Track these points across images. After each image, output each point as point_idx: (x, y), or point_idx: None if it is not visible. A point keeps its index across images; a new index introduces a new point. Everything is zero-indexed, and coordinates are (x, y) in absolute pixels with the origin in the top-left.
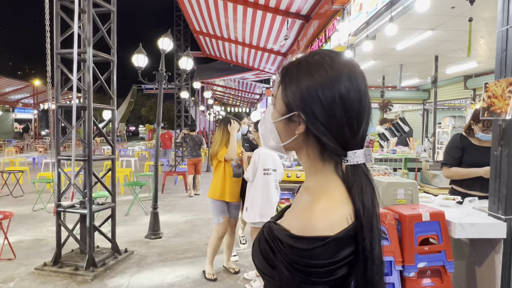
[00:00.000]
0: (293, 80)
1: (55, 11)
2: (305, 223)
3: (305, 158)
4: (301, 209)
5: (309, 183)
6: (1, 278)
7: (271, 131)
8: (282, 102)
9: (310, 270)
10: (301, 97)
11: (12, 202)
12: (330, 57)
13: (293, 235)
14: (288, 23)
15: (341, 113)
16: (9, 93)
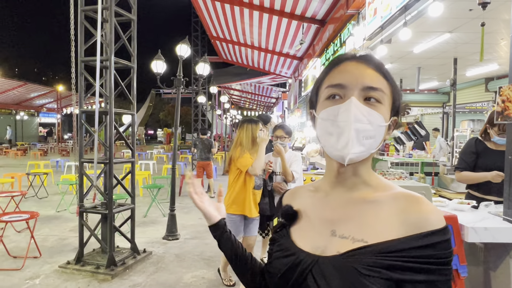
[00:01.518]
0: (393, 81)
1: (80, 21)
2: (438, 212)
3: (369, 163)
4: (415, 201)
5: (371, 181)
6: (27, 275)
7: (376, 134)
8: (391, 100)
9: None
10: (399, 93)
11: (37, 203)
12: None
13: (440, 229)
14: (304, 28)
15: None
16: (34, 98)
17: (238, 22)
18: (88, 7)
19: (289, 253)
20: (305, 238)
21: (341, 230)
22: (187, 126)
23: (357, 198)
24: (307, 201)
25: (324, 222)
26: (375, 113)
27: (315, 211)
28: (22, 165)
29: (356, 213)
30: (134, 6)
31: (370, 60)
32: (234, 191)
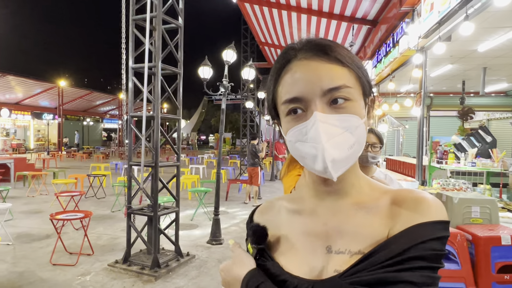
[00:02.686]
0: (360, 63)
1: (130, 30)
2: (440, 204)
3: (356, 164)
4: (413, 198)
5: (362, 185)
6: (80, 271)
7: (358, 136)
8: (360, 91)
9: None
10: (367, 76)
11: (95, 203)
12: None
13: (443, 221)
14: (354, 29)
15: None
16: (99, 106)
17: (286, 26)
18: (138, 16)
19: (279, 279)
20: (295, 260)
21: (337, 244)
22: (237, 131)
23: (349, 205)
24: (286, 217)
25: (316, 238)
26: (348, 116)
27: (302, 227)
28: (86, 167)
29: (350, 222)
30: (181, 14)
31: (320, 50)
32: None
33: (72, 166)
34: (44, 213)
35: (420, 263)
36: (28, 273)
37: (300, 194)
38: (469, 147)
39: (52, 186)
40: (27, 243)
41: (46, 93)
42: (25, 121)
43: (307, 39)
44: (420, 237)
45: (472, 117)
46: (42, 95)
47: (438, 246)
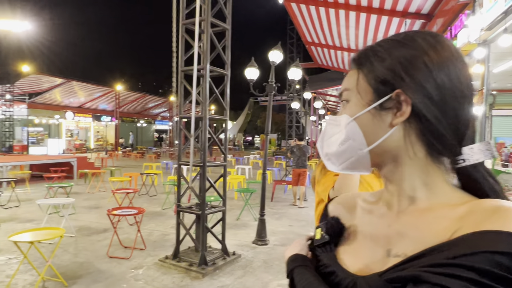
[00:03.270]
0: (384, 54)
1: (180, 34)
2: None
3: (405, 163)
4: (491, 205)
5: (432, 189)
6: (133, 265)
7: (349, 134)
8: (367, 87)
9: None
10: (404, 68)
11: (148, 200)
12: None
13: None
14: (407, 25)
15: (455, 92)
16: (151, 108)
17: (333, 25)
18: (187, 21)
19: (327, 270)
20: (352, 256)
21: (396, 248)
22: (283, 132)
23: (416, 209)
24: (358, 213)
25: (378, 239)
26: (338, 117)
27: (369, 226)
28: (140, 166)
29: (414, 226)
30: (228, 17)
31: (352, 59)
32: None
33: (127, 165)
34: (102, 209)
35: (471, 275)
36: (88, 264)
37: (378, 193)
38: None
39: (109, 183)
40: (87, 236)
41: (104, 96)
42: (86, 123)
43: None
44: (483, 246)
45: None
46: (101, 98)
47: (507, 263)
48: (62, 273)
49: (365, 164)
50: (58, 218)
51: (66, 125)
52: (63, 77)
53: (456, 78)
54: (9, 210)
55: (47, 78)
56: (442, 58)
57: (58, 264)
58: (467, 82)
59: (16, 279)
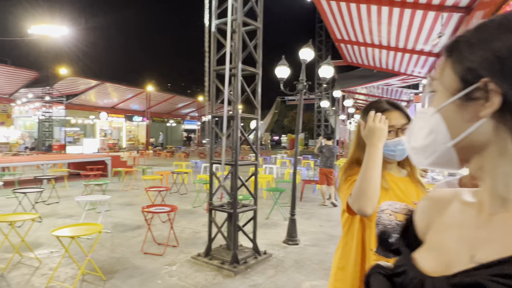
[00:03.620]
0: (478, 43)
1: (212, 34)
2: None
3: (497, 160)
4: None
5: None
6: (167, 261)
7: (433, 126)
8: (453, 76)
9: None
10: (497, 57)
11: (178, 199)
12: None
13: None
14: (443, 18)
15: None
16: (180, 108)
17: (364, 21)
18: (219, 21)
19: (399, 270)
20: (436, 258)
21: (481, 254)
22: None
23: (508, 213)
24: (453, 209)
25: (464, 242)
26: (424, 109)
27: (458, 227)
28: (170, 165)
29: (503, 232)
30: (260, 15)
31: (443, 47)
32: (341, 257)
33: (158, 164)
34: (136, 206)
35: None
36: (123, 260)
37: (479, 192)
38: None
39: (141, 181)
40: (122, 232)
41: (136, 97)
42: (119, 123)
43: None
44: None
45: None
46: (132, 99)
47: None
48: (100, 268)
49: (452, 160)
50: (95, 214)
51: (100, 125)
52: (98, 79)
53: None
54: (49, 206)
55: (82, 80)
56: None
57: (96, 259)
58: None
59: (58, 272)
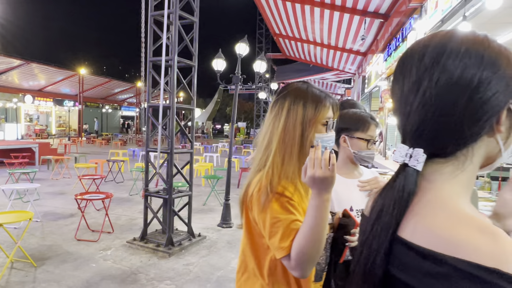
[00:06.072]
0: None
1: (149, 25)
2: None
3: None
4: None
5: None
6: (101, 247)
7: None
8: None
9: None
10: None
11: (114, 187)
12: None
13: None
14: (366, 23)
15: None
16: (117, 94)
17: (299, 19)
18: (156, 12)
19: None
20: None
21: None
22: (252, 121)
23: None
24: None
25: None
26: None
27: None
28: (105, 153)
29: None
30: (196, 10)
31: None
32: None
33: (92, 151)
34: (68, 195)
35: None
36: (56, 247)
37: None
38: None
39: (74, 170)
40: (53, 220)
41: (67, 80)
42: (47, 107)
43: None
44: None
45: None
46: (63, 82)
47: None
48: (31, 255)
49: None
50: (22, 204)
51: (25, 109)
52: (21, 58)
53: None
54: None
55: (3, 59)
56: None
57: (25, 247)
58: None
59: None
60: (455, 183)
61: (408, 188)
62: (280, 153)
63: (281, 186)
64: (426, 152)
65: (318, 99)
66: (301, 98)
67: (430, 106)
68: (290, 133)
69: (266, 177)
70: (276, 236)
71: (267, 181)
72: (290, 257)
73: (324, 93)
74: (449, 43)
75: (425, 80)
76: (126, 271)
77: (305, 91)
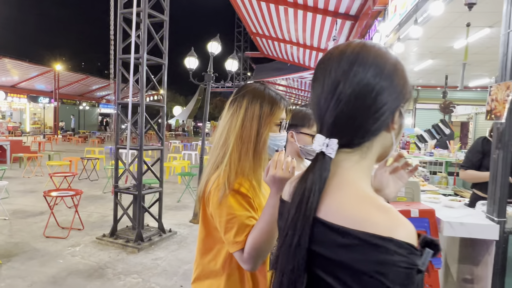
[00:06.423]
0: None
1: (118, 22)
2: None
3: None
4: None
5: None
6: (70, 243)
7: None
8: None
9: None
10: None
11: (88, 185)
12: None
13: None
14: (338, 24)
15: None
16: (95, 90)
17: (275, 18)
18: (125, 10)
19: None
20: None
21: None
22: None
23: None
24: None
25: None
26: None
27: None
28: (81, 151)
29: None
30: (166, 8)
31: None
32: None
33: (68, 149)
34: (39, 193)
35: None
36: (23, 244)
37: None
38: (430, 139)
39: (47, 167)
40: (22, 218)
41: (42, 76)
42: (21, 104)
43: None
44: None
45: (453, 110)
46: (38, 78)
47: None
48: None
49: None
50: None
51: None
52: None
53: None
54: None
55: None
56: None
57: None
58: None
59: None
60: (358, 168)
61: (324, 173)
62: (237, 149)
63: (237, 183)
64: (339, 143)
65: (274, 100)
66: (258, 98)
67: (344, 104)
68: (247, 131)
69: (224, 174)
70: (232, 231)
71: (225, 177)
72: (243, 251)
73: (280, 95)
74: (360, 53)
75: (341, 83)
76: (94, 266)
77: (262, 92)
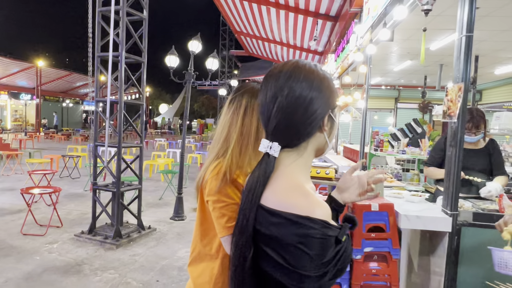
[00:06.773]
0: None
1: (97, 20)
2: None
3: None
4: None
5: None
6: (48, 240)
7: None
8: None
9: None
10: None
11: (69, 182)
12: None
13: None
14: (319, 24)
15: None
16: (79, 87)
17: (258, 18)
18: (104, 8)
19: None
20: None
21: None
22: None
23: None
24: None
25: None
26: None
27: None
28: (64, 149)
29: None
30: (146, 7)
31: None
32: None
33: (50, 147)
34: (17, 191)
35: None
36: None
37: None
38: (402, 137)
39: (26, 165)
40: (0, 216)
41: (23, 72)
42: (2, 100)
43: None
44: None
45: (431, 110)
46: (19, 74)
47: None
48: None
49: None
50: None
51: None
52: None
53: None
54: None
55: None
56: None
57: None
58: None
59: None
60: (296, 165)
61: (268, 169)
62: (238, 144)
63: (236, 174)
64: (280, 144)
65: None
66: (256, 97)
67: (282, 113)
68: (248, 127)
69: (225, 164)
70: (224, 218)
71: (226, 167)
72: (231, 237)
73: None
74: (294, 70)
75: (279, 95)
76: (71, 263)
77: (259, 91)
